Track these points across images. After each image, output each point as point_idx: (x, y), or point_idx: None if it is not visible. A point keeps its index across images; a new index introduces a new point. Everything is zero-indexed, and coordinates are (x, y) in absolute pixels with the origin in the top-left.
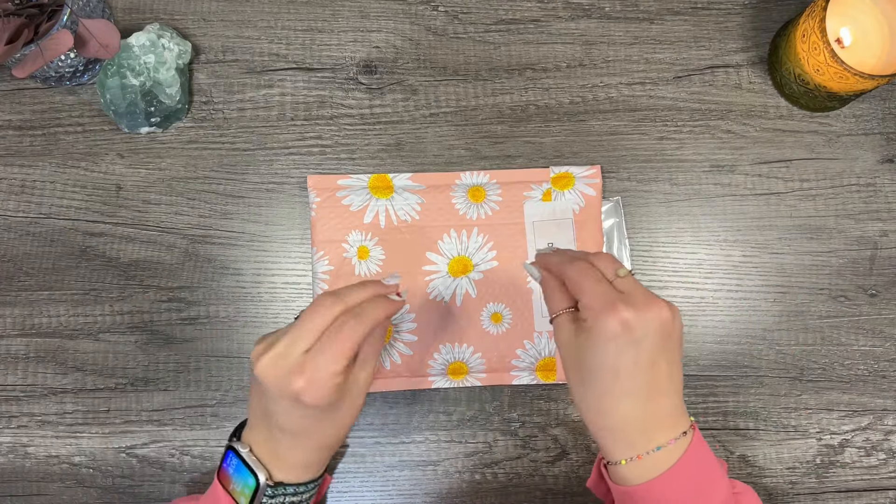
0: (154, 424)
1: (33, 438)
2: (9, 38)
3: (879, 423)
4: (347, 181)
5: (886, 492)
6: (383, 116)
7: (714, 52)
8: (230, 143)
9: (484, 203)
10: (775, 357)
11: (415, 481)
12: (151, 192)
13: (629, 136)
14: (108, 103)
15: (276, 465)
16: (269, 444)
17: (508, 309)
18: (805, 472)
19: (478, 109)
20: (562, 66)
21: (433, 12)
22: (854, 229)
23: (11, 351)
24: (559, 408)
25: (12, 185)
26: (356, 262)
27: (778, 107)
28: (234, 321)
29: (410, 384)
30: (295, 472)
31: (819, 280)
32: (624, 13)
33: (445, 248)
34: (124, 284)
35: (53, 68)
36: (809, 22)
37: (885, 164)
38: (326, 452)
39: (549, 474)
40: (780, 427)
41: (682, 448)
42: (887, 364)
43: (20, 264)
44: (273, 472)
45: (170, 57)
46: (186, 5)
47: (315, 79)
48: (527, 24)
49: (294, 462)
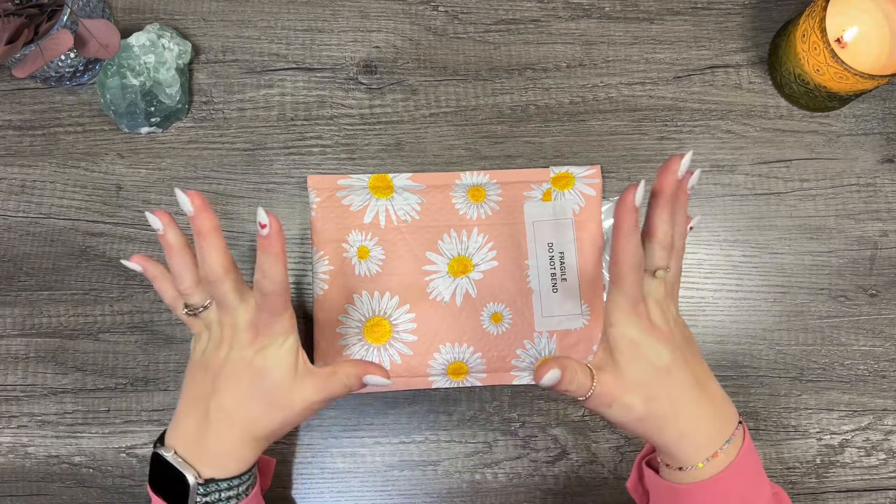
0: (154, 424)
1: (33, 438)
2: (9, 38)
3: (879, 423)
4: (347, 181)
5: (886, 492)
6: (383, 116)
7: (714, 52)
8: (230, 143)
9: (484, 203)
10: (775, 357)
11: (415, 481)
12: (151, 192)
13: (629, 136)
14: (108, 103)
15: (205, 461)
16: (197, 436)
17: (508, 309)
18: (805, 472)
19: (478, 109)
20: (562, 66)
21: (433, 12)
22: (854, 229)
23: (11, 351)
24: (559, 408)
25: (12, 185)
26: (356, 262)
27: (778, 107)
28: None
29: (410, 384)
30: (224, 465)
31: (819, 280)
32: (624, 13)
33: (445, 248)
34: (124, 284)
35: (53, 68)
36: (809, 22)
37: (885, 164)
38: (257, 445)
39: (549, 474)
40: (780, 427)
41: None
42: (887, 364)
43: (20, 264)
44: (201, 469)
45: (170, 57)
46: (186, 5)
47: (315, 79)
48: (527, 24)
49: (222, 453)
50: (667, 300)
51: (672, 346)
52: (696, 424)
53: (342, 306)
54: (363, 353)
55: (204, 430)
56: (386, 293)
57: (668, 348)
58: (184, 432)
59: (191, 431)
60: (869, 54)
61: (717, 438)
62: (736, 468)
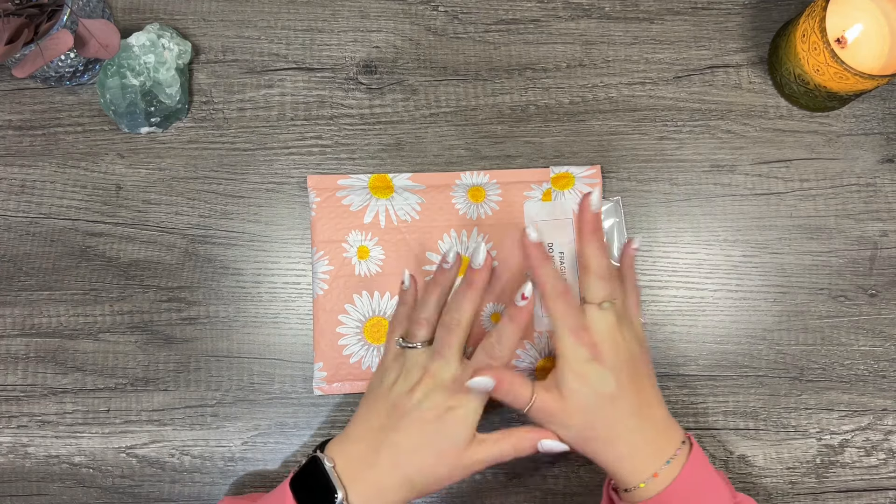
0: (154, 424)
1: (33, 438)
2: (9, 38)
3: (879, 423)
4: (347, 181)
5: (886, 492)
6: (383, 116)
7: (714, 52)
8: (230, 143)
9: (484, 203)
10: (775, 357)
11: None
12: (151, 192)
13: (629, 136)
14: (108, 103)
15: (358, 488)
16: (361, 462)
17: None
18: (805, 472)
19: (478, 109)
20: (562, 66)
21: (433, 12)
22: (854, 229)
23: (11, 351)
24: None
25: (12, 185)
26: (356, 262)
27: (778, 107)
28: (234, 321)
29: None
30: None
31: (819, 280)
32: (624, 13)
33: (445, 248)
34: (124, 284)
35: (53, 68)
36: (809, 22)
37: (885, 164)
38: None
39: (549, 474)
40: (780, 427)
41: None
42: (887, 364)
43: (20, 264)
44: (351, 493)
45: (170, 57)
46: (186, 5)
47: (315, 79)
48: (527, 24)
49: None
50: (620, 327)
51: (619, 372)
52: (633, 448)
53: (342, 306)
54: (363, 353)
55: (371, 459)
56: (386, 293)
57: (614, 376)
58: (350, 453)
59: (357, 455)
60: (869, 54)
61: (655, 459)
62: (679, 484)
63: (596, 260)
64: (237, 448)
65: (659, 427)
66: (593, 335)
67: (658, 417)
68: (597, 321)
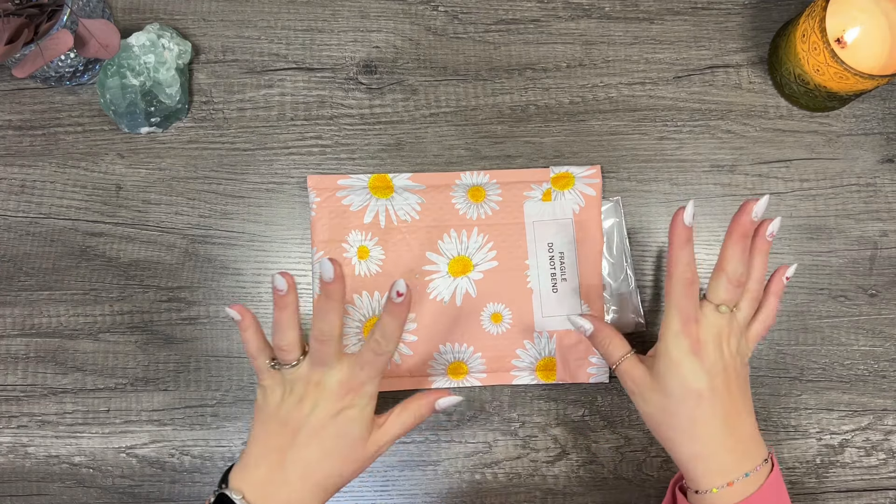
0: (154, 424)
1: (33, 438)
2: (9, 38)
3: (879, 423)
4: (347, 181)
5: (886, 492)
6: (383, 116)
7: (714, 52)
8: (230, 143)
9: (484, 203)
10: (775, 357)
11: (415, 481)
12: (151, 192)
13: (629, 136)
14: (108, 103)
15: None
16: (269, 485)
17: (508, 309)
18: (805, 472)
19: (478, 109)
20: (562, 66)
21: (433, 12)
22: (854, 229)
23: (11, 351)
24: (559, 408)
25: (12, 185)
26: (356, 262)
27: (778, 107)
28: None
29: (410, 384)
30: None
31: (819, 280)
32: (624, 13)
33: (445, 247)
34: (124, 284)
35: (53, 68)
36: (809, 22)
37: (885, 164)
38: (325, 496)
39: (549, 474)
40: (780, 427)
41: (765, 475)
42: (887, 364)
43: (20, 264)
44: None
45: (170, 57)
46: (186, 5)
47: (315, 79)
48: (527, 24)
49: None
50: (730, 335)
51: (714, 375)
52: (711, 451)
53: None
54: None
55: (278, 479)
56: (386, 293)
57: (708, 377)
58: (254, 479)
59: (262, 479)
60: (869, 54)
61: (733, 468)
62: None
63: (733, 264)
64: (237, 448)
65: (743, 438)
66: (700, 331)
67: (744, 429)
68: (709, 319)
